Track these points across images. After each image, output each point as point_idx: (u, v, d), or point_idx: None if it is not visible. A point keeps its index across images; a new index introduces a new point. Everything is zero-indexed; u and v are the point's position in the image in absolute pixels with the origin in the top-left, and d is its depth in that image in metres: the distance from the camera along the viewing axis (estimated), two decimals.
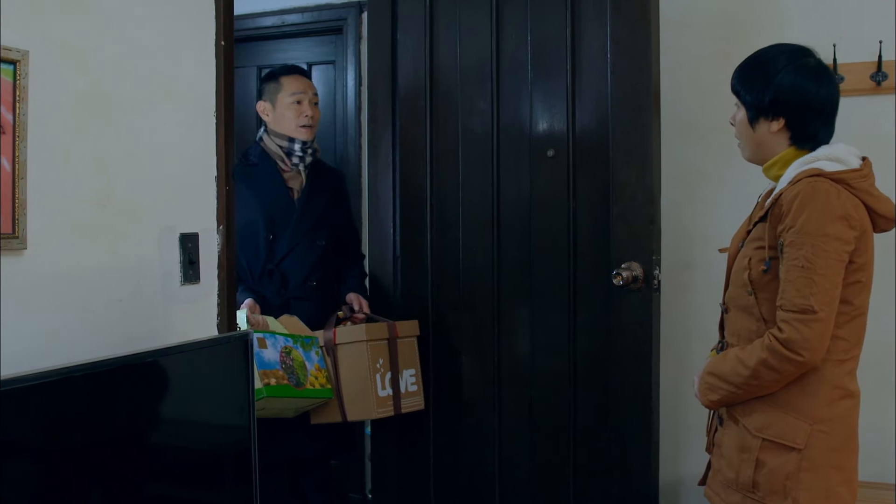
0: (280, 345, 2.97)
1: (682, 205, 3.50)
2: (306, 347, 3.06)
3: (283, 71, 3.43)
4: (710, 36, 3.49)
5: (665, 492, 3.49)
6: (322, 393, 3.06)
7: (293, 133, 3.31)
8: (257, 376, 2.79)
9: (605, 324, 3.15)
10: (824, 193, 2.00)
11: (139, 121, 2.10)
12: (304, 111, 3.32)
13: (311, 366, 3.05)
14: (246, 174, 3.27)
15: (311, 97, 3.37)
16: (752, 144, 2.24)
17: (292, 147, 3.31)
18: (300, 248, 3.27)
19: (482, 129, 3.35)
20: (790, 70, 2.13)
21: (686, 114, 3.49)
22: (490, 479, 3.38)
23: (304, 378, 2.99)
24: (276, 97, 3.34)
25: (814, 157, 2.10)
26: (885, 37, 3.19)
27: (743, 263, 2.17)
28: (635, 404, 3.10)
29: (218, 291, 2.37)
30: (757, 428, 2.11)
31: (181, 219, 2.24)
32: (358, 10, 4.10)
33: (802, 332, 1.98)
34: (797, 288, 1.99)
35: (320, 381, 3.06)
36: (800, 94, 2.12)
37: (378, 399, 3.13)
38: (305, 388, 2.99)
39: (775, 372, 2.03)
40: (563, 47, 3.20)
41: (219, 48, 2.34)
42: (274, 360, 2.92)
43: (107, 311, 2.00)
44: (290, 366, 2.95)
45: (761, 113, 2.17)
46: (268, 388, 2.84)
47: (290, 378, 2.94)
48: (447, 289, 3.43)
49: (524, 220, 3.29)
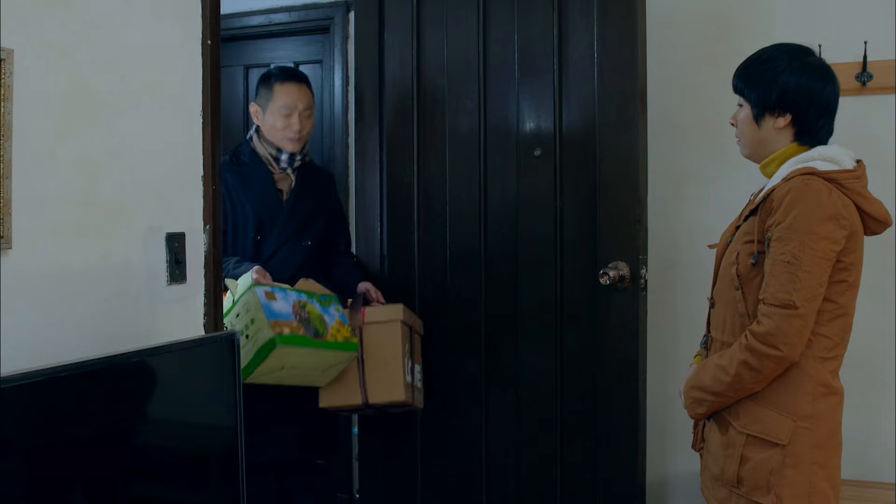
0: (292, 298, 2.73)
1: (669, 204, 3.51)
2: (324, 304, 2.82)
3: (278, 77, 3.32)
4: (696, 36, 3.50)
5: (652, 490, 3.50)
6: (347, 346, 2.82)
7: (280, 143, 3.27)
8: (267, 326, 2.57)
9: (592, 323, 3.15)
10: (816, 192, 2.03)
11: (125, 120, 2.09)
12: (293, 126, 3.26)
13: (332, 320, 2.80)
14: (236, 173, 3.26)
15: (301, 110, 3.28)
16: (754, 142, 2.26)
17: (279, 155, 3.28)
18: (286, 249, 3.26)
19: (469, 128, 3.35)
20: (795, 68, 2.17)
21: (673, 113, 3.50)
22: (477, 478, 3.38)
23: (324, 330, 2.71)
24: (267, 103, 3.29)
25: (808, 156, 2.13)
26: (870, 37, 3.21)
27: (731, 258, 2.19)
28: (622, 403, 3.11)
29: (204, 291, 2.36)
30: (742, 424, 2.13)
31: (167, 218, 2.23)
32: (345, 9, 4.09)
33: (781, 326, 2.00)
34: (781, 283, 2.01)
35: (343, 334, 2.80)
36: (806, 91, 2.16)
37: (404, 382, 3.00)
38: (326, 340, 2.71)
39: (756, 371, 2.05)
40: (550, 47, 3.20)
41: (205, 47, 2.33)
42: (286, 310, 2.67)
43: (92, 311, 1.99)
44: (305, 318, 2.69)
45: (767, 109, 2.20)
46: (281, 337, 2.56)
47: (307, 329, 2.66)
48: (434, 288, 3.43)
49: (511, 219, 3.29)
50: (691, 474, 3.53)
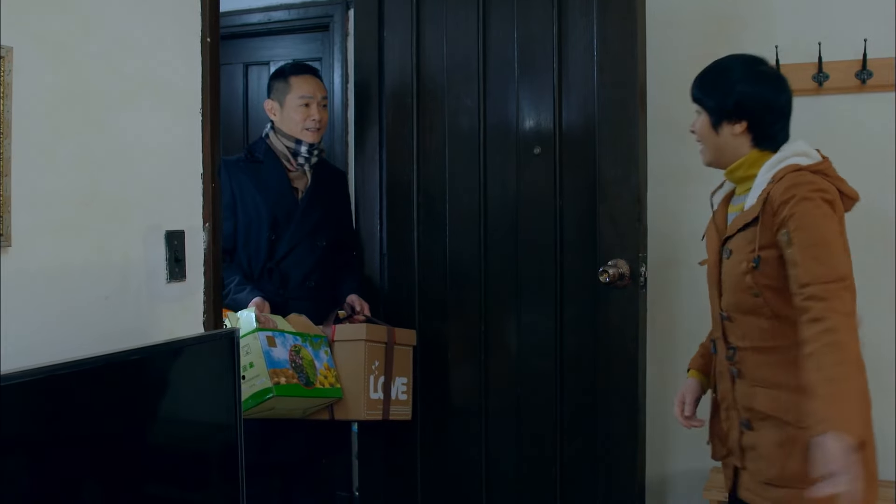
0: (289, 343, 2.93)
1: (669, 202, 3.51)
2: (315, 346, 3.02)
3: (293, 70, 3.36)
4: (696, 35, 3.50)
5: (652, 490, 3.50)
6: (332, 392, 3.02)
7: (299, 135, 3.27)
8: (267, 375, 2.78)
9: (592, 321, 3.15)
10: (811, 182, 2.10)
11: (124, 118, 2.09)
12: (312, 115, 3.27)
13: (321, 365, 3.01)
14: (252, 171, 3.27)
15: (319, 100, 3.30)
16: (714, 148, 2.35)
17: (298, 148, 3.28)
18: (301, 249, 3.26)
19: (469, 126, 3.34)
20: (750, 77, 2.28)
21: (672, 112, 3.49)
22: (477, 477, 3.38)
23: (314, 377, 2.95)
24: (284, 97, 3.29)
25: (783, 156, 2.21)
26: (871, 35, 3.21)
27: (741, 268, 2.20)
28: (622, 402, 3.10)
29: (204, 289, 2.36)
30: (799, 419, 2.10)
31: (167, 216, 2.23)
32: (344, 7, 4.09)
33: (844, 298, 2.00)
34: (821, 262, 2.02)
35: (329, 380, 3.02)
36: (760, 99, 2.26)
37: (368, 401, 3.09)
38: (315, 388, 2.94)
39: (853, 339, 2.00)
40: (549, 45, 3.20)
41: (204, 45, 2.33)
42: (283, 358, 2.87)
43: (92, 308, 1.99)
44: (299, 364, 2.91)
45: (724, 117, 2.29)
46: (277, 388, 2.80)
47: (299, 377, 2.89)
48: (434, 286, 3.43)
49: (511, 218, 3.29)
50: (691, 472, 3.54)
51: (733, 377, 2.29)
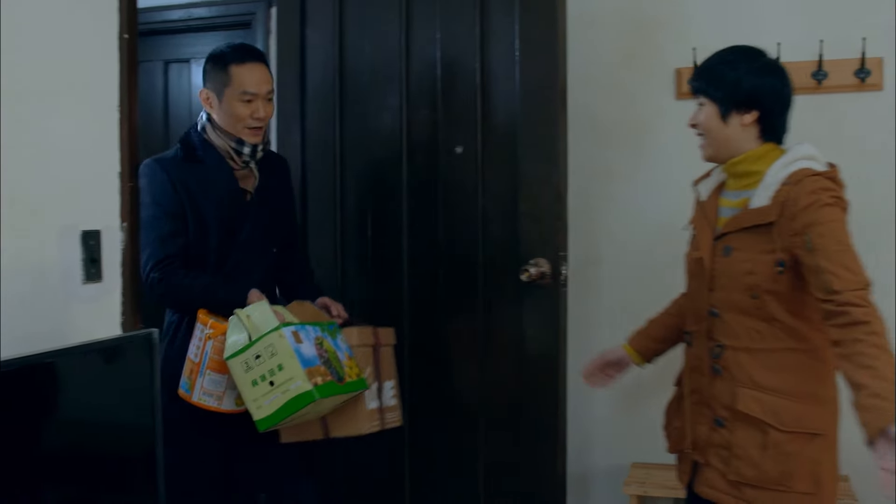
0: (312, 336, 2.54)
1: (591, 201, 3.55)
2: (332, 335, 2.64)
3: (234, 57, 2.78)
4: (618, 35, 3.55)
5: (574, 485, 3.54)
6: (359, 385, 2.63)
7: (240, 133, 2.79)
8: (304, 377, 2.40)
9: (515, 320, 3.17)
10: (830, 189, 2.14)
11: (38, 115, 2.05)
12: (256, 112, 2.77)
13: (343, 356, 2.62)
14: (193, 171, 2.79)
15: (264, 94, 2.79)
16: (720, 140, 2.31)
17: (241, 149, 2.80)
18: (252, 256, 2.87)
19: (392, 126, 3.34)
20: (757, 68, 2.27)
21: (594, 111, 3.54)
22: (399, 471, 3.38)
23: (342, 371, 2.56)
24: (223, 90, 2.77)
25: (794, 157, 2.22)
26: (869, 34, 3.27)
27: (744, 268, 2.22)
28: (543, 397, 3.13)
29: (121, 290, 2.32)
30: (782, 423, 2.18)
31: (83, 216, 2.19)
32: (267, 4, 4.06)
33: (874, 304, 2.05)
34: (851, 269, 2.07)
35: (355, 370, 2.64)
36: (771, 88, 2.26)
37: (367, 412, 2.71)
38: (346, 382, 2.56)
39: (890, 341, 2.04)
40: (472, 45, 3.21)
41: (122, 41, 2.30)
42: (313, 354, 2.48)
43: (5, 310, 1.95)
44: (326, 359, 2.52)
45: (734, 107, 2.27)
46: (318, 389, 2.41)
47: (331, 373, 2.51)
48: (359, 288, 3.42)
49: (433, 218, 3.30)
50: (613, 469, 3.59)
51: (715, 374, 2.30)
